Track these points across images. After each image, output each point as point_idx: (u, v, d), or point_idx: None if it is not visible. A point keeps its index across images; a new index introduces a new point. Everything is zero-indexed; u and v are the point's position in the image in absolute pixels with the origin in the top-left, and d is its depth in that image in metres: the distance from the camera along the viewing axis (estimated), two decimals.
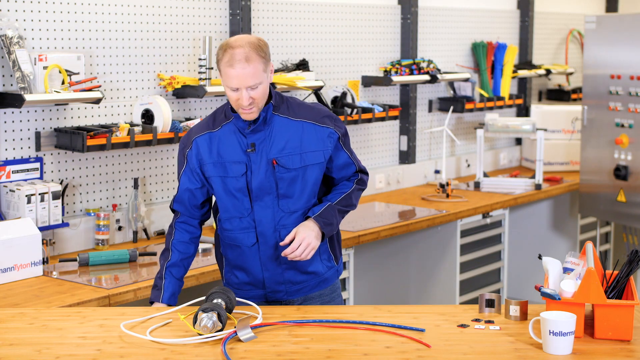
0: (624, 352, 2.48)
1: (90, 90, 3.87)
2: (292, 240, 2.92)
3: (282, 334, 2.62)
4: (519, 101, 6.43)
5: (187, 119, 4.36)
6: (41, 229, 3.70)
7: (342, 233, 4.32)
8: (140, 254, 3.87)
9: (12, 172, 3.80)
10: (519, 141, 6.75)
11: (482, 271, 5.36)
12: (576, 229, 6.17)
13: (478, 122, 6.25)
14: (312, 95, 4.98)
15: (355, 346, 2.53)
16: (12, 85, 3.76)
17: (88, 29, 4.03)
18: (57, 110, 3.96)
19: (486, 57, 6.24)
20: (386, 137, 5.68)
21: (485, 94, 6.18)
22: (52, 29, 3.90)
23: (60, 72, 3.77)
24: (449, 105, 5.92)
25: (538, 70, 6.62)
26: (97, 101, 3.87)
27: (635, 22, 5.42)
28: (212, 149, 2.97)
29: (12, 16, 3.75)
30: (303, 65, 4.89)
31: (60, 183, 3.94)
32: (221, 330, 2.58)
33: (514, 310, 2.76)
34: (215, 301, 2.68)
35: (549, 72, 6.71)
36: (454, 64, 6.12)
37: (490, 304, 2.84)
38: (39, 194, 3.75)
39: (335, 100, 5.13)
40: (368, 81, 5.44)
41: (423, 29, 5.83)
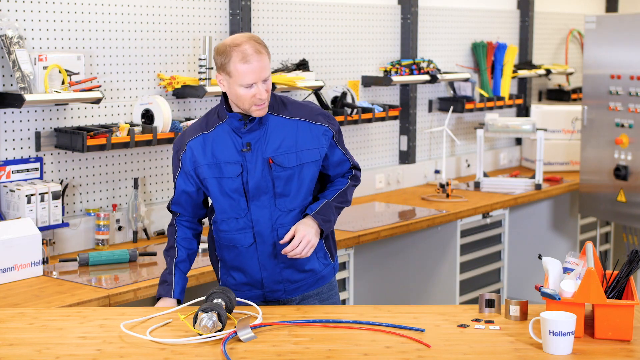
0: (624, 352, 2.48)
1: (90, 90, 3.87)
2: (292, 238, 2.92)
3: (282, 334, 2.62)
4: (519, 101, 6.43)
5: (187, 119, 4.36)
6: (41, 229, 3.70)
7: (341, 233, 4.34)
8: (140, 254, 3.87)
9: (12, 172, 3.80)
10: (519, 141, 6.75)
11: (482, 271, 5.36)
12: (576, 229, 6.17)
13: (478, 122, 6.26)
14: (312, 95, 4.98)
15: (355, 346, 2.53)
16: (12, 85, 3.76)
17: (88, 29, 4.03)
18: (57, 110, 3.96)
19: (486, 57, 6.24)
20: (386, 137, 5.68)
21: (485, 94, 6.18)
22: (52, 29, 3.90)
23: (60, 72, 3.77)
24: (449, 105, 5.92)
25: (538, 70, 6.62)
26: (97, 101, 3.87)
27: (635, 22, 5.42)
28: (207, 150, 2.97)
29: (12, 16, 3.75)
30: (303, 65, 4.89)
31: (60, 183, 3.94)
32: (221, 330, 2.58)
33: (514, 310, 2.76)
34: (215, 301, 2.68)
35: (549, 72, 6.71)
36: (454, 64, 6.12)
37: (490, 304, 2.84)
38: (39, 194, 3.75)
39: (335, 100, 5.13)
40: (368, 81, 5.44)
41: (423, 29, 5.84)
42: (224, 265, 3.10)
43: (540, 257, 2.77)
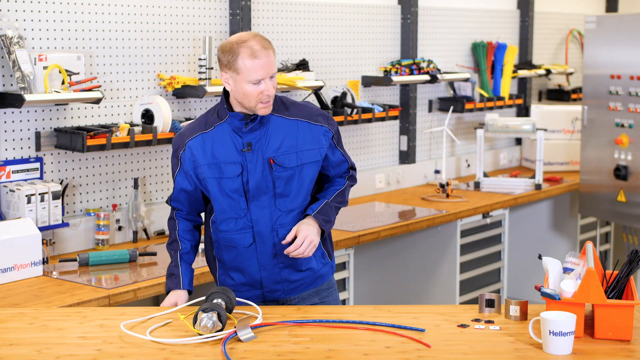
0: (624, 352, 2.48)
1: (90, 90, 3.87)
2: (294, 238, 2.93)
3: (282, 334, 2.63)
4: (519, 101, 6.43)
5: (187, 119, 4.35)
6: (41, 229, 3.70)
7: (341, 233, 4.35)
8: (140, 254, 3.87)
9: (12, 172, 3.80)
10: (519, 141, 6.75)
11: (482, 271, 5.35)
12: (576, 229, 6.17)
13: (478, 122, 6.25)
14: (312, 95, 4.98)
15: (355, 346, 2.53)
16: (12, 85, 3.76)
17: (88, 29, 4.03)
18: (57, 110, 3.96)
19: (486, 57, 6.24)
20: (386, 137, 5.68)
21: (485, 94, 6.18)
22: (52, 29, 3.90)
23: (60, 72, 3.77)
24: (449, 105, 5.92)
25: (538, 70, 6.62)
26: (97, 101, 3.87)
27: (635, 22, 5.42)
28: (206, 150, 2.97)
29: (12, 16, 3.75)
30: (303, 65, 4.89)
31: (60, 183, 3.94)
32: (221, 330, 2.58)
33: (514, 310, 2.76)
34: (215, 301, 2.68)
35: (549, 72, 6.71)
36: (454, 64, 6.12)
37: (490, 304, 2.84)
38: (39, 194, 3.75)
39: (335, 100, 5.13)
40: (368, 81, 5.44)
41: (423, 29, 5.84)
42: (222, 265, 3.10)
43: (540, 257, 2.77)
